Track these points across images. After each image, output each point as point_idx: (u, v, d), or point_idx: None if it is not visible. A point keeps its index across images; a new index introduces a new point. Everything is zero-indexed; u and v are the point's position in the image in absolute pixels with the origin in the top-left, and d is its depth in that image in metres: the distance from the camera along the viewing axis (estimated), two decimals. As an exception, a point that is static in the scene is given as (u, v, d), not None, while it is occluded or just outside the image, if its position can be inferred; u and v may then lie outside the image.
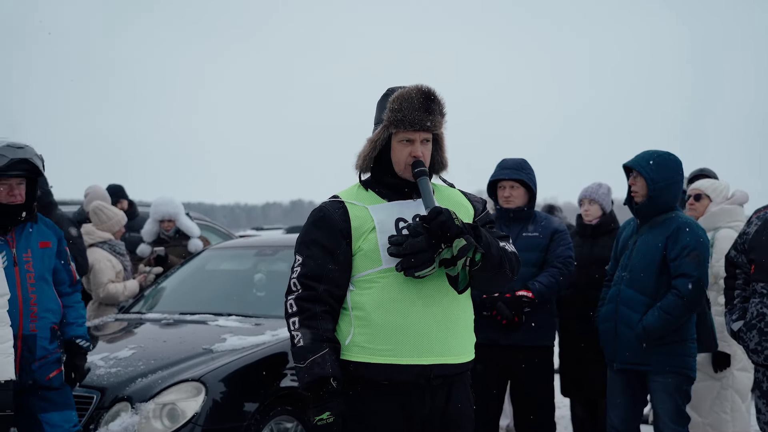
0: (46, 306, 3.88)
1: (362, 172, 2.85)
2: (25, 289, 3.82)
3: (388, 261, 2.69)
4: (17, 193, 3.81)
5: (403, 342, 2.67)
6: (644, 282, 4.21)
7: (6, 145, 3.78)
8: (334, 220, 2.75)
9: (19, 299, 3.79)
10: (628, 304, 4.23)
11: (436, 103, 2.76)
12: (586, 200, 5.42)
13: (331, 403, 2.65)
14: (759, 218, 3.93)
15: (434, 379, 2.71)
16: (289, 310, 2.73)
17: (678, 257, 4.15)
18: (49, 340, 3.87)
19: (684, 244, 4.16)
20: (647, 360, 4.19)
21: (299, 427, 4.48)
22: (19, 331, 3.76)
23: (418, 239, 2.58)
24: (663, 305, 4.13)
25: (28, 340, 3.80)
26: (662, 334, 4.13)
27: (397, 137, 2.76)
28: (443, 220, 2.56)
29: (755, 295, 3.81)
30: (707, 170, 5.96)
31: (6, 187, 3.79)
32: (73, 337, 4.03)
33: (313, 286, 2.72)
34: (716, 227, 4.90)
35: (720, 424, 4.75)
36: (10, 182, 3.79)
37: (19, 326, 3.76)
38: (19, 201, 3.82)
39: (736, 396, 4.76)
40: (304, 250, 2.78)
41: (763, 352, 3.74)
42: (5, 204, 3.79)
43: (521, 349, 4.52)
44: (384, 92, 2.85)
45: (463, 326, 2.80)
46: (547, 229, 4.65)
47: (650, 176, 4.21)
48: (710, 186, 5.12)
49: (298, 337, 2.69)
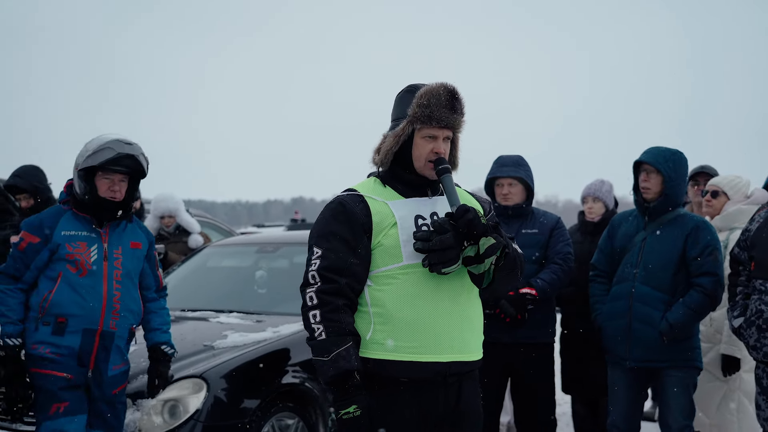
0: (128, 306, 3.87)
1: (381, 167, 2.83)
2: (111, 285, 3.81)
3: (409, 257, 2.68)
4: (118, 189, 3.81)
5: (425, 339, 2.66)
6: (662, 279, 4.21)
7: (115, 139, 3.78)
8: (355, 214, 2.72)
9: (104, 295, 3.77)
10: (645, 301, 4.21)
11: (460, 103, 2.78)
12: (590, 198, 5.42)
13: (358, 396, 2.61)
14: (761, 215, 3.93)
15: (450, 377, 2.72)
16: (309, 302, 2.67)
17: (701, 255, 4.18)
18: (126, 340, 3.88)
19: (706, 242, 4.19)
20: (664, 356, 4.19)
21: (300, 423, 4.48)
22: (99, 326, 3.76)
23: (447, 235, 2.58)
24: (689, 302, 4.14)
25: (105, 337, 3.79)
26: (686, 330, 4.16)
27: (420, 133, 2.76)
28: (471, 218, 2.58)
29: (755, 292, 3.81)
30: (708, 167, 5.91)
31: (108, 181, 3.79)
32: (158, 343, 4.04)
33: (335, 279, 2.67)
34: (731, 228, 4.81)
35: (726, 425, 4.73)
36: (113, 177, 3.79)
37: (100, 322, 3.76)
38: (119, 198, 3.82)
39: (743, 397, 4.73)
40: (323, 243, 2.72)
41: (762, 348, 3.75)
42: (104, 198, 3.79)
43: (523, 346, 4.52)
44: (405, 88, 2.85)
45: (478, 324, 2.82)
46: (546, 226, 4.66)
47: (668, 174, 4.22)
48: (728, 183, 4.99)
49: (319, 330, 2.63)
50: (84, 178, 3.78)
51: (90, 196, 3.78)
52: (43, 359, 3.70)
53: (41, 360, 3.70)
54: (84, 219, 3.83)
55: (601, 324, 4.42)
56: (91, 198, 3.78)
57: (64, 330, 3.70)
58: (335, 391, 2.63)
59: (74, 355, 3.72)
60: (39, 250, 3.74)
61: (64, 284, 3.72)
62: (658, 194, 4.27)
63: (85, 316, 3.73)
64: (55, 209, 3.88)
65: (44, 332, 3.70)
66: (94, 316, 3.74)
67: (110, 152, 3.71)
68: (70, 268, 3.73)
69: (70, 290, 3.72)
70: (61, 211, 3.85)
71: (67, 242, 3.75)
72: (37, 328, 3.71)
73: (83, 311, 3.72)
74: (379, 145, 2.84)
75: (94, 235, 3.82)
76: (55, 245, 3.74)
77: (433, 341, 2.67)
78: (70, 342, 3.71)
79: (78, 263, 3.74)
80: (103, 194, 3.79)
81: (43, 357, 3.70)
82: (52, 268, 3.75)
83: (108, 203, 3.80)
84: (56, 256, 3.74)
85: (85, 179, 3.78)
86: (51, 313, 3.70)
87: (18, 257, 3.75)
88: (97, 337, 3.76)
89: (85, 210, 3.82)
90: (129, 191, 3.87)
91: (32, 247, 3.74)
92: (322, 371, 2.63)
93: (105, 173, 3.78)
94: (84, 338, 3.73)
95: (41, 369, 3.70)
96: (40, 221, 3.80)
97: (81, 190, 3.79)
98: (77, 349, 3.72)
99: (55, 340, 3.70)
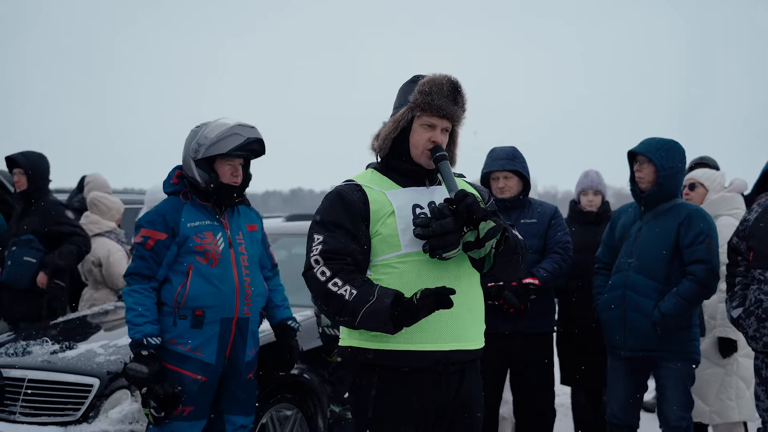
0: (258, 290, 3.88)
1: (379, 153, 2.84)
2: (240, 271, 3.80)
3: (408, 246, 2.67)
4: (239, 174, 3.79)
5: (425, 328, 2.64)
6: (655, 268, 4.21)
7: (238, 124, 3.76)
8: (353, 202, 2.72)
9: (236, 282, 3.76)
10: (638, 290, 4.22)
11: (462, 96, 2.78)
12: (591, 191, 5.49)
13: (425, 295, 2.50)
14: (760, 205, 3.94)
15: (451, 366, 2.71)
16: (322, 276, 2.59)
17: (693, 244, 4.17)
18: (258, 323, 3.90)
19: (698, 230, 4.18)
20: (658, 346, 4.19)
21: (299, 415, 4.48)
22: (235, 314, 3.75)
23: (447, 220, 2.56)
24: (681, 291, 4.13)
25: (241, 323, 3.79)
26: (678, 319, 4.15)
27: (419, 120, 2.76)
28: (470, 202, 2.56)
29: (754, 282, 3.81)
30: (707, 158, 5.94)
31: (231, 167, 3.77)
32: (283, 319, 4.09)
33: (339, 259, 2.64)
34: (716, 215, 4.89)
35: (725, 411, 4.75)
36: (234, 162, 3.77)
37: (235, 310, 3.75)
38: (240, 182, 3.80)
39: (741, 383, 4.76)
40: (323, 231, 2.69)
41: (761, 338, 3.74)
42: (227, 185, 3.77)
43: (523, 336, 4.53)
44: (410, 78, 2.86)
45: (478, 312, 2.80)
46: (544, 216, 4.67)
47: (660, 163, 4.22)
48: (703, 175, 5.16)
49: (348, 291, 2.54)
50: (204, 166, 3.75)
51: (215, 183, 3.75)
52: (180, 356, 3.68)
53: (178, 357, 3.68)
54: (205, 208, 3.80)
55: (599, 314, 4.44)
56: (216, 186, 3.75)
57: (202, 322, 3.68)
58: (401, 312, 2.49)
59: (214, 347, 3.70)
60: (168, 245, 3.70)
61: (197, 276, 3.69)
62: (652, 184, 4.28)
63: (220, 306, 3.71)
64: (174, 202, 3.82)
65: (183, 326, 3.68)
66: (229, 304, 3.72)
67: (239, 138, 3.69)
68: (200, 259, 3.70)
69: (203, 282, 3.69)
70: (180, 202, 3.80)
71: (194, 234, 3.72)
72: (176, 323, 3.68)
73: (218, 301, 3.70)
74: (379, 131, 2.84)
75: (217, 223, 3.80)
76: (183, 238, 3.70)
77: (433, 330, 2.66)
78: (209, 333, 3.69)
79: (208, 254, 3.71)
80: (228, 180, 3.76)
81: (181, 354, 3.68)
82: (180, 262, 3.71)
83: (232, 189, 3.79)
84: (184, 249, 3.71)
85: (206, 167, 3.75)
86: (187, 307, 3.67)
87: (148, 256, 3.69)
88: (233, 325, 3.75)
89: (206, 198, 3.80)
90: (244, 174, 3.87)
91: (161, 244, 3.69)
92: (378, 310, 2.49)
93: (227, 159, 3.75)
94: (222, 328, 3.72)
95: (176, 367, 3.68)
96: (162, 216, 3.74)
97: (204, 178, 3.75)
98: (216, 340, 3.71)
99: (194, 334, 3.67)
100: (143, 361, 3.59)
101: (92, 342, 4.42)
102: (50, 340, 4.51)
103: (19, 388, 4.14)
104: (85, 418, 3.99)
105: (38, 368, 4.18)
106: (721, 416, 4.77)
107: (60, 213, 5.78)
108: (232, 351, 3.77)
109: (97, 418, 4.00)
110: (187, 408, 3.67)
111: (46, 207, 5.73)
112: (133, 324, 3.63)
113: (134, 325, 3.62)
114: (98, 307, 5.53)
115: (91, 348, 4.32)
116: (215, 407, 3.84)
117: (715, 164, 5.81)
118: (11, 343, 4.53)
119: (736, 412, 4.74)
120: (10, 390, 4.16)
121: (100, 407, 4.03)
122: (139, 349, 3.61)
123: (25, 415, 4.07)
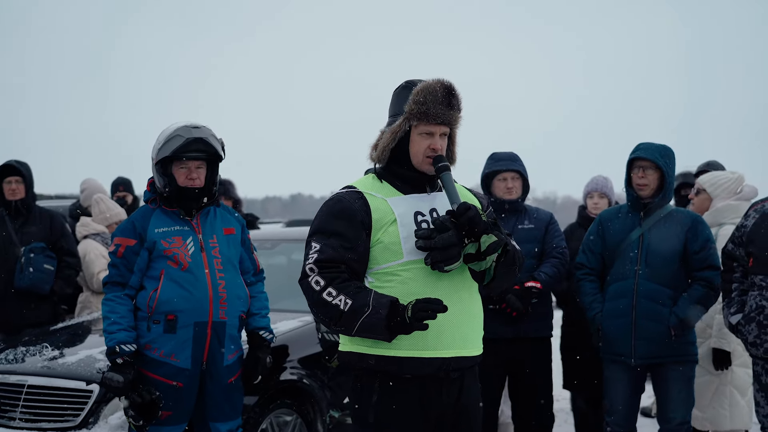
0: (234, 293, 3.83)
1: (378, 163, 2.83)
2: (214, 275, 3.77)
3: (410, 254, 2.68)
4: (196, 176, 3.76)
5: (426, 335, 2.65)
6: (666, 275, 4.21)
7: (182, 126, 3.75)
8: (354, 211, 2.72)
9: (208, 285, 3.74)
10: (652, 297, 4.19)
11: (456, 99, 2.78)
12: (597, 194, 5.46)
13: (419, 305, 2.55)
14: (756, 211, 3.93)
15: (452, 372, 2.72)
16: (317, 286, 2.64)
17: (702, 250, 4.19)
18: (237, 328, 3.85)
19: (706, 237, 4.22)
20: (667, 352, 4.20)
21: (298, 420, 4.48)
22: (209, 317, 3.73)
23: (449, 233, 2.58)
24: (696, 297, 4.17)
25: (217, 327, 3.75)
26: (692, 324, 4.20)
27: (417, 129, 2.75)
28: (472, 215, 2.58)
29: (754, 288, 3.81)
30: (714, 163, 5.86)
31: (185, 170, 3.75)
32: (257, 328, 3.98)
33: (333, 267, 2.66)
34: (720, 223, 4.82)
35: (718, 420, 4.75)
36: (188, 165, 3.75)
37: (209, 313, 3.73)
38: (198, 185, 3.77)
39: (735, 392, 4.76)
40: (322, 239, 2.71)
41: (762, 345, 3.74)
42: (183, 187, 3.75)
43: (523, 340, 4.54)
44: (402, 84, 2.85)
45: (478, 319, 2.82)
46: (541, 221, 4.72)
47: (666, 170, 4.22)
48: (708, 180, 5.02)
49: (343, 301, 2.59)
50: (162, 171, 3.76)
51: (170, 187, 3.75)
52: (156, 362, 3.68)
53: (153, 363, 3.68)
54: (173, 213, 3.80)
55: (600, 323, 4.36)
56: (171, 190, 3.75)
57: (175, 327, 3.67)
58: (396, 323, 2.55)
59: (188, 351, 3.69)
60: (137, 251, 3.71)
61: (168, 281, 3.69)
62: (656, 190, 4.25)
63: (193, 310, 3.70)
64: (143, 209, 3.85)
65: (156, 331, 3.68)
66: (202, 308, 3.71)
67: (179, 140, 3.68)
68: (170, 264, 3.71)
69: (174, 286, 3.69)
70: (149, 210, 3.83)
71: (161, 239, 3.73)
72: (149, 329, 3.69)
73: (191, 305, 3.69)
74: (376, 141, 2.84)
75: (187, 227, 3.79)
76: (152, 243, 3.71)
77: (435, 337, 2.67)
78: (183, 338, 3.68)
79: (177, 258, 3.71)
80: (183, 183, 3.75)
81: (156, 360, 3.68)
82: (153, 267, 3.72)
83: (190, 192, 3.77)
84: (155, 254, 3.72)
85: (163, 172, 3.76)
86: (160, 311, 3.67)
87: (119, 263, 3.72)
88: (208, 329, 3.73)
89: (171, 204, 3.80)
90: (209, 176, 3.83)
91: (130, 250, 3.72)
92: (374, 323, 2.55)
93: (180, 162, 3.74)
94: (196, 332, 3.70)
95: (152, 373, 3.68)
96: (131, 223, 3.78)
97: (161, 183, 3.77)
98: (191, 345, 3.69)
99: (167, 338, 3.67)
100: (118, 369, 3.59)
101: (92, 348, 4.41)
102: (50, 345, 4.51)
103: (19, 394, 4.14)
104: (84, 424, 3.99)
105: (38, 374, 4.18)
106: (714, 424, 4.78)
107: (61, 225, 5.85)
108: (209, 355, 3.74)
109: (97, 424, 4.00)
110: (164, 413, 3.67)
111: (46, 216, 5.75)
112: (107, 332, 3.65)
113: (108, 334, 3.64)
114: (97, 313, 5.53)
115: (91, 354, 4.31)
116: (200, 415, 3.81)
117: (722, 168, 5.69)
118: (11, 349, 4.52)
119: (728, 420, 4.74)
120: (10, 396, 4.16)
121: (100, 413, 4.02)
122: (113, 357, 3.61)
123: (24, 421, 4.07)
